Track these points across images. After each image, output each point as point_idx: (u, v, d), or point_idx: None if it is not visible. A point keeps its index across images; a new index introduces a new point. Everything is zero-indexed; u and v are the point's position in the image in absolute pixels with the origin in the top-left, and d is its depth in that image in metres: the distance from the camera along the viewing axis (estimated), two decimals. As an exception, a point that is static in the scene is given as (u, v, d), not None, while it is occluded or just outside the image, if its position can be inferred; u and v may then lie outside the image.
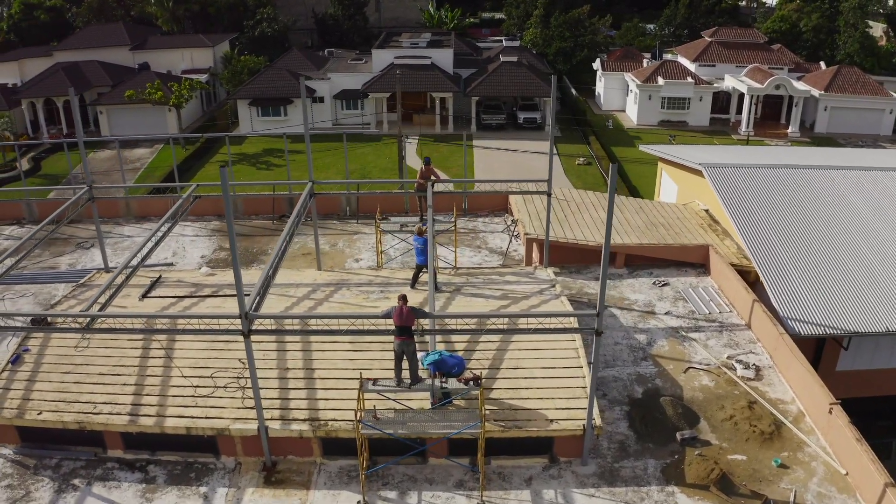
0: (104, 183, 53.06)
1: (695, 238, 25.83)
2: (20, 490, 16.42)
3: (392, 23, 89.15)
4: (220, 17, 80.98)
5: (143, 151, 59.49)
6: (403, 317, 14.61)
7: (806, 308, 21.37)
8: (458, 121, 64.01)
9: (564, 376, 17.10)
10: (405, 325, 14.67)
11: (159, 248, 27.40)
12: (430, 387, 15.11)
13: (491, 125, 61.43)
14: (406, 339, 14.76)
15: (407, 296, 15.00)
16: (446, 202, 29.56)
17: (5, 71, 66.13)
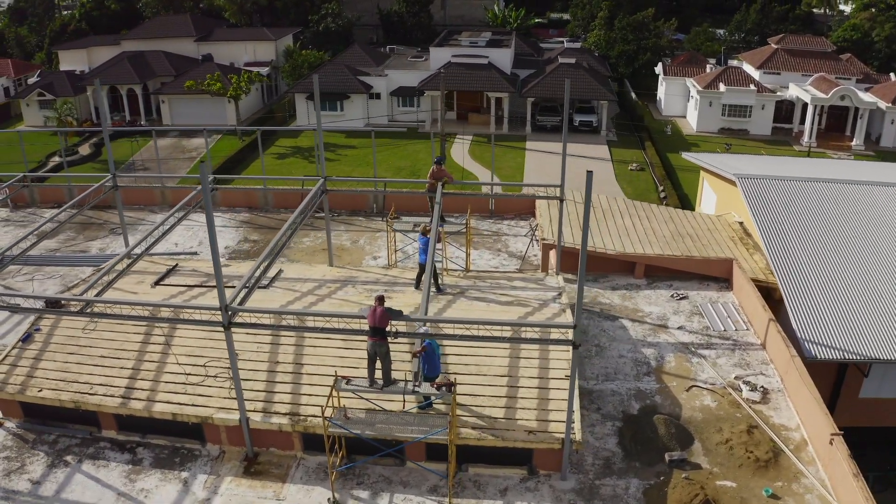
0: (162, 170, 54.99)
1: (722, 251, 24.90)
2: (16, 462, 17.08)
3: (457, 21, 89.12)
4: (287, 11, 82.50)
5: (201, 141, 61.02)
6: (376, 318, 14.53)
7: (826, 331, 20.34)
8: (514, 121, 63.51)
9: (551, 387, 16.70)
10: (378, 327, 14.58)
11: (186, 237, 28.41)
12: (401, 389, 14.98)
13: (546, 127, 60.70)
14: (378, 340, 14.67)
15: (384, 297, 14.91)
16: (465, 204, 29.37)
17: (75, 58, 68.98)
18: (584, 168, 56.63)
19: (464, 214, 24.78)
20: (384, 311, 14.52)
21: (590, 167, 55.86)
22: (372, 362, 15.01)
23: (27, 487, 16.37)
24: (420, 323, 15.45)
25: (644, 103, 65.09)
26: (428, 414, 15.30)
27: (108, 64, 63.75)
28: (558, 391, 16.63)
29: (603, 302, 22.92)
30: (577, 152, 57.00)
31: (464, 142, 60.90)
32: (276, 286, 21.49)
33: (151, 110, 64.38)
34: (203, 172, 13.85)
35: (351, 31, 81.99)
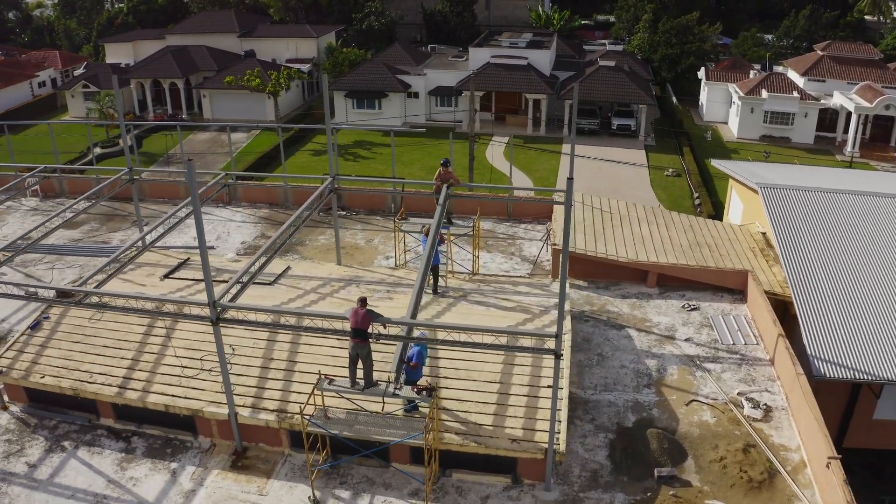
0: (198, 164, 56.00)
1: (739, 262, 24.26)
2: (16, 445, 17.57)
3: (501, 21, 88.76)
4: (331, 8, 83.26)
5: (240, 136, 62.05)
6: (359, 319, 14.50)
7: (839, 348, 19.65)
8: (551, 124, 63.00)
9: (541, 396, 16.46)
10: (359, 328, 14.55)
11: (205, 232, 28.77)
12: (381, 391, 14.93)
13: (583, 130, 60.04)
14: (360, 342, 14.63)
15: (366, 299, 14.87)
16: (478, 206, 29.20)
17: (120, 51, 70.72)
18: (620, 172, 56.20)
19: (470, 216, 24.62)
20: (366, 313, 14.49)
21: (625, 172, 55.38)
22: (353, 364, 15.02)
23: (23, 470, 16.82)
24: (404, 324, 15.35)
25: (686, 108, 63.90)
26: (409, 417, 15.21)
27: (152, 58, 65.21)
28: (547, 400, 16.37)
29: (611, 310, 22.53)
30: (613, 157, 56.36)
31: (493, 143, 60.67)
32: (281, 283, 21.65)
33: (193, 104, 65.65)
34: (190, 168, 14.00)
35: (394, 29, 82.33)
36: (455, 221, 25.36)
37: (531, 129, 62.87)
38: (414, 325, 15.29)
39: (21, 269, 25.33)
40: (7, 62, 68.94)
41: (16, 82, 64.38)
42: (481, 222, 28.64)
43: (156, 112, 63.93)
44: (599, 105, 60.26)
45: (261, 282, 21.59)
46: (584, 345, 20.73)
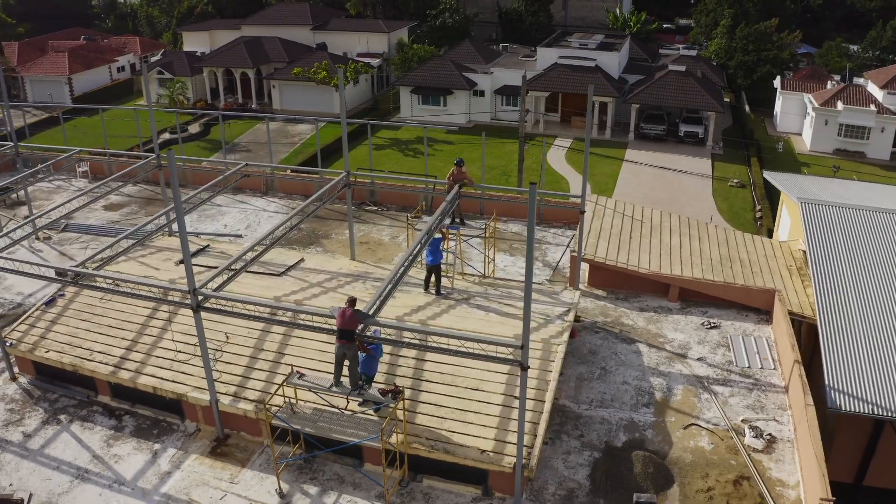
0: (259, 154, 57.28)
1: (770, 281, 22.92)
2: (17, 415, 18.27)
3: (578, 22, 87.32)
4: (407, 4, 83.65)
5: (305, 128, 63.04)
6: (345, 319, 14.26)
7: (861, 381, 18.24)
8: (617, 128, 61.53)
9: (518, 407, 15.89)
10: (345, 329, 14.28)
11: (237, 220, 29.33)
12: (348, 391, 14.73)
13: (649, 135, 58.39)
14: (345, 342, 14.36)
15: (355, 299, 14.65)
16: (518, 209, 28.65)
17: (197, 40, 72.99)
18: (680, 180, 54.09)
19: (508, 218, 24.07)
20: (353, 314, 14.25)
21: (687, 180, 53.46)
22: (339, 364, 14.82)
23: (18, 439, 17.47)
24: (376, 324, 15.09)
25: (760, 118, 61.24)
26: (370, 418, 14.93)
27: (226, 47, 67.03)
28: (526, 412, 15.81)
29: (625, 323, 21.67)
30: (677, 164, 54.57)
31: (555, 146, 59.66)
32: (291, 275, 21.76)
33: (263, 94, 67.14)
34: (171, 156, 14.14)
35: (468, 27, 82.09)
36: (468, 222, 24.96)
37: (596, 132, 61.46)
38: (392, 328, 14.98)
39: (57, 247, 26.38)
40: (89, 47, 72.28)
41: (96, 66, 67.43)
42: (510, 225, 28.40)
43: (226, 100, 65.69)
44: (668, 111, 58.42)
45: (270, 272, 21.85)
46: (588, 357, 20.00)
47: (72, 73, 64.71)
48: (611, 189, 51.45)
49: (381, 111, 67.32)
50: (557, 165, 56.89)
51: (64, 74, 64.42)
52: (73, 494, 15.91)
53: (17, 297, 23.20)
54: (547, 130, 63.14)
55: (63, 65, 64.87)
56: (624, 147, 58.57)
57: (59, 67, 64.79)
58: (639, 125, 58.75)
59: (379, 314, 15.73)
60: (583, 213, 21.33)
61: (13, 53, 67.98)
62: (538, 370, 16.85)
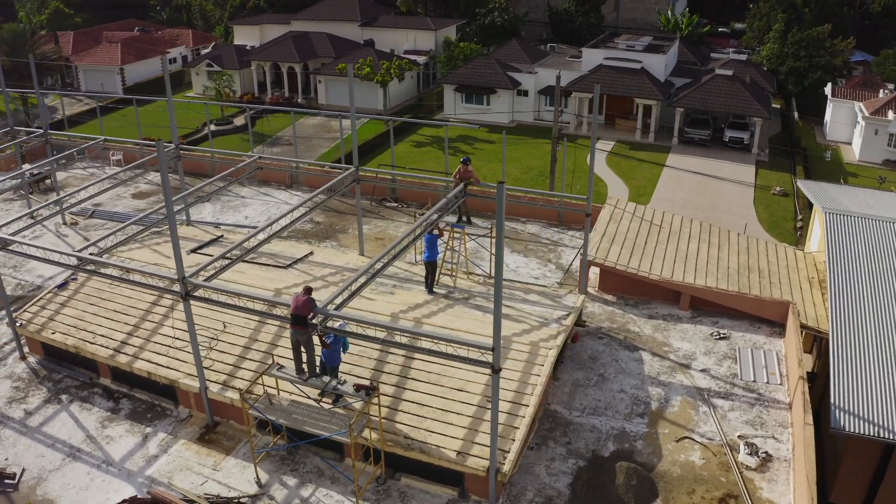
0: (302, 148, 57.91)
1: (789, 292, 22.15)
2: (21, 392, 18.85)
3: (630, 24, 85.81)
4: (457, 2, 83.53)
5: (348, 123, 63.36)
6: (298, 305, 14.44)
7: (871, 401, 17.43)
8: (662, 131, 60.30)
9: (501, 410, 15.67)
10: (297, 314, 14.46)
11: (259, 212, 29.69)
12: (323, 384, 14.74)
13: (693, 140, 57.05)
14: (298, 328, 14.56)
15: (311, 288, 14.72)
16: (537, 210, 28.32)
17: (247, 33, 74.07)
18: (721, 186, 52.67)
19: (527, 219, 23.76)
20: (305, 301, 14.39)
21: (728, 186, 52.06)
22: (297, 350, 14.96)
23: (20, 416, 18.03)
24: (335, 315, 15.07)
25: (810, 126, 59.24)
26: (342, 414, 14.89)
27: (274, 42, 67.91)
28: (507, 415, 15.61)
29: (631, 329, 21.20)
30: (719, 170, 53.15)
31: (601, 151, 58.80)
32: (297, 268, 21.91)
33: (310, 89, 67.85)
34: (160, 147, 14.35)
35: (517, 26, 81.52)
36: (474, 221, 24.71)
37: (640, 135, 60.38)
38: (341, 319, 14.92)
39: (82, 233, 27.14)
40: (142, 38, 74.10)
41: (148, 57, 69.10)
42: (528, 226, 28.10)
43: (273, 94, 66.58)
44: (714, 115, 56.97)
45: (276, 265, 22.05)
46: (588, 363, 19.63)
47: (124, 63, 66.49)
48: (649, 193, 50.50)
49: (425, 109, 67.40)
50: (598, 168, 56.01)
51: (116, 65, 66.23)
52: (62, 472, 16.33)
53: (37, 280, 23.95)
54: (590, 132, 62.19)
55: (116, 55, 66.72)
56: (667, 151, 57.33)
57: (112, 58, 66.65)
58: (683, 129, 57.44)
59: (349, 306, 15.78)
60: (588, 216, 20.90)
61: (68, 43, 70.22)
62: (525, 373, 16.59)
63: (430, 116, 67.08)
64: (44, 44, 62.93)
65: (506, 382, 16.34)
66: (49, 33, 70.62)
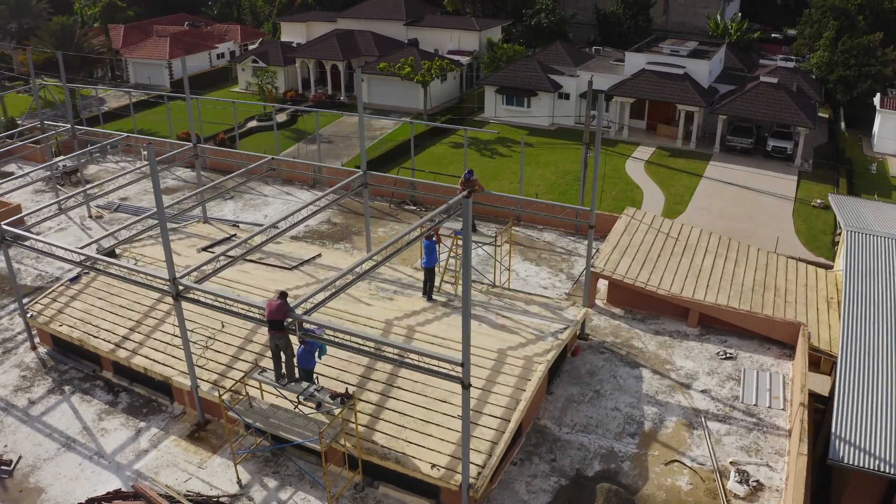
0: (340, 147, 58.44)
1: (804, 313, 21.45)
2: (27, 381, 19.45)
3: (679, 28, 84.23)
4: (504, 2, 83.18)
5: (388, 122, 63.67)
6: (273, 310, 14.56)
7: (875, 432, 16.77)
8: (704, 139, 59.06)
9: (482, 425, 15.55)
10: (272, 319, 14.60)
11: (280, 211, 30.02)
12: (302, 389, 14.83)
13: (735, 148, 55.76)
14: (275, 332, 14.71)
15: (286, 292, 14.81)
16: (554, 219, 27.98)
17: (294, 30, 74.93)
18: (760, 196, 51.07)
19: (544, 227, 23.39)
20: (280, 305, 14.51)
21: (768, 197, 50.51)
22: (276, 355, 15.07)
23: (23, 404, 18.61)
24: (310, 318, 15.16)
25: (857, 136, 57.25)
26: (316, 420, 14.94)
27: (319, 39, 68.60)
28: (486, 430, 15.46)
29: (635, 345, 20.79)
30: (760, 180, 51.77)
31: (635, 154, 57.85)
32: (301, 270, 22.09)
33: (353, 87, 68.34)
34: (150, 151, 14.60)
35: (564, 28, 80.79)
36: (479, 229, 24.55)
37: (681, 142, 59.26)
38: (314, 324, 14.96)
39: (105, 226, 27.83)
40: (191, 32, 75.70)
41: (196, 52, 70.52)
42: (544, 234, 27.80)
43: (316, 92, 67.29)
44: (758, 123, 55.55)
45: (282, 266, 22.27)
46: (585, 378, 19.33)
47: (172, 57, 68.03)
48: (686, 202, 49.51)
49: (465, 110, 67.28)
50: (635, 175, 55.11)
51: (164, 59, 67.83)
52: (56, 461, 16.79)
53: (57, 272, 24.66)
54: (631, 137, 61.37)
55: (164, 49, 68.30)
56: (708, 159, 56.12)
57: (161, 52, 68.26)
58: (725, 137, 56.18)
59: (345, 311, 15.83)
60: (591, 227, 20.55)
61: (119, 36, 72.13)
62: (510, 388, 16.41)
63: (471, 118, 66.96)
64: (93, 37, 64.67)
65: (491, 396, 16.21)
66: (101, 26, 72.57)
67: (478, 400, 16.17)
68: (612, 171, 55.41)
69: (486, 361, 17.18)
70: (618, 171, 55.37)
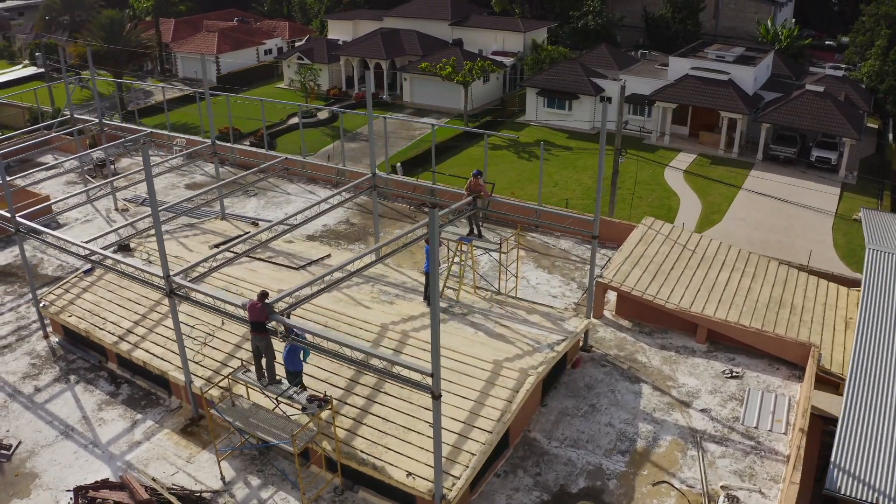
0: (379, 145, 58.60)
1: (819, 333, 20.73)
2: (36, 369, 20.05)
3: (729, 32, 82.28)
4: (552, 4, 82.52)
5: (429, 122, 63.67)
6: (254, 312, 14.67)
7: (878, 463, 16.11)
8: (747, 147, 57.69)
9: (463, 435, 15.42)
10: (254, 321, 14.70)
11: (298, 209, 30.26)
12: (281, 391, 14.93)
13: (778, 157, 54.30)
14: (257, 334, 14.82)
15: (267, 293, 14.90)
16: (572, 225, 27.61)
17: (341, 28, 75.59)
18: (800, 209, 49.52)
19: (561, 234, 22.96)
20: (262, 307, 14.61)
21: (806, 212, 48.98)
22: (257, 356, 15.20)
23: (29, 391, 19.19)
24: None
25: (908, 148, 55.29)
26: (292, 422, 15.01)
27: (364, 38, 69.07)
28: (468, 440, 15.31)
29: (638, 360, 20.38)
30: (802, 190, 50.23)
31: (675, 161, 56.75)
32: (308, 269, 22.26)
33: (396, 86, 68.63)
34: (144, 153, 14.86)
35: (612, 31, 79.74)
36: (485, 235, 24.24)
37: (723, 149, 57.97)
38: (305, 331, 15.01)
39: (129, 219, 28.43)
40: (240, 28, 77.07)
41: (244, 47, 71.80)
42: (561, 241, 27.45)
43: (359, 90, 67.77)
44: (802, 133, 53.99)
45: (289, 265, 22.47)
46: (582, 391, 19.03)
47: (219, 52, 69.36)
48: (723, 211, 48.41)
49: (506, 111, 66.94)
50: (674, 182, 54.10)
51: (212, 54, 69.18)
52: (53, 448, 17.27)
53: (77, 263, 25.28)
54: (673, 144, 60.26)
55: (212, 44, 69.67)
56: (749, 167, 54.78)
57: (208, 46, 69.65)
58: (768, 146, 54.74)
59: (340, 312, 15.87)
60: (595, 237, 20.17)
61: (169, 30, 73.86)
62: (498, 399, 16.22)
63: (512, 119, 66.62)
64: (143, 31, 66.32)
65: (476, 407, 16.07)
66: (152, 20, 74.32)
67: (462, 410, 16.05)
68: (650, 177, 54.46)
69: (476, 371, 17.04)
70: (656, 178, 54.41)
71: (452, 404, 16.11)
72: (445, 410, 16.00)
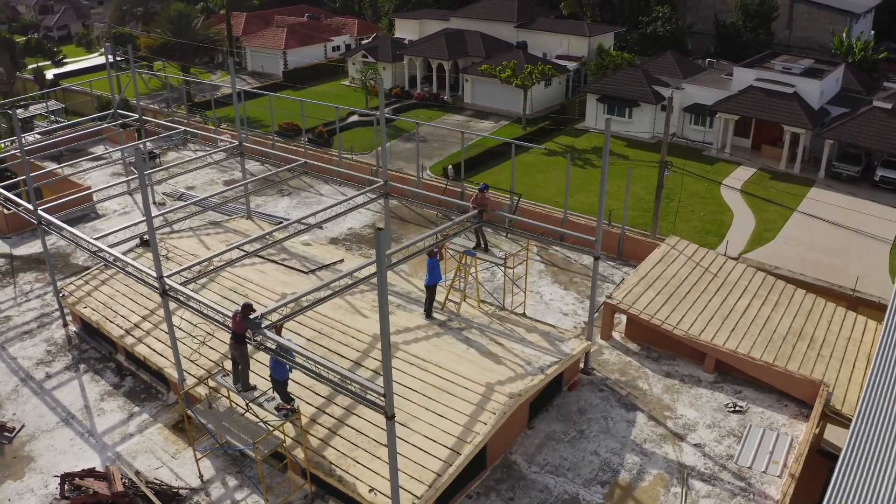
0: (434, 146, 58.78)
1: (836, 369, 19.76)
2: (50, 356, 20.96)
3: (802, 43, 78.89)
4: (622, 8, 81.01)
5: (488, 124, 63.47)
6: (235, 323, 14.92)
7: None
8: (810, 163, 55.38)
9: (431, 453, 15.33)
10: (236, 332, 14.95)
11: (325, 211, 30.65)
12: (253, 397, 15.18)
13: (840, 175, 51.95)
14: (235, 343, 15.08)
15: (250, 305, 15.10)
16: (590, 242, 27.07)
17: (408, 27, 75.93)
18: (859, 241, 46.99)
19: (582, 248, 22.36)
20: (242, 319, 14.82)
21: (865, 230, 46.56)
22: (235, 363, 15.47)
23: (41, 377, 20.08)
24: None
25: None
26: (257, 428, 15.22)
27: (428, 38, 69.29)
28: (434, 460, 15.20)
29: (639, 386, 19.85)
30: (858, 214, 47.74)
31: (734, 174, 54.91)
32: (318, 274, 22.50)
33: (458, 87, 68.63)
34: (138, 157, 15.32)
35: (682, 37, 77.73)
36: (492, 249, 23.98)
37: (785, 164, 55.80)
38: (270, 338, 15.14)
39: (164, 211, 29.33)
40: (309, 24, 78.33)
41: (312, 43, 73.04)
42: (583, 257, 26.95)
43: (421, 90, 68.08)
44: (868, 151, 51.49)
45: (299, 269, 22.77)
46: (573, 415, 18.67)
47: (287, 48, 70.73)
48: (777, 229, 46.50)
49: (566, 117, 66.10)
50: (729, 197, 52.39)
51: (280, 49, 70.63)
52: (52, 434, 18.04)
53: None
54: (734, 156, 58.38)
55: (280, 39, 71.15)
56: (810, 185, 52.51)
57: (277, 42, 71.15)
58: (832, 163, 52.42)
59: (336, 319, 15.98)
60: (597, 259, 19.67)
61: (239, 24, 75.70)
62: (474, 420, 16.05)
63: (571, 125, 65.74)
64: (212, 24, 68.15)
65: (450, 426, 15.95)
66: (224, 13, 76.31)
67: (434, 428, 15.96)
68: (705, 190, 52.88)
69: (458, 389, 16.92)
70: (711, 192, 52.79)
71: (427, 421, 16.07)
72: (418, 427, 16.01)
